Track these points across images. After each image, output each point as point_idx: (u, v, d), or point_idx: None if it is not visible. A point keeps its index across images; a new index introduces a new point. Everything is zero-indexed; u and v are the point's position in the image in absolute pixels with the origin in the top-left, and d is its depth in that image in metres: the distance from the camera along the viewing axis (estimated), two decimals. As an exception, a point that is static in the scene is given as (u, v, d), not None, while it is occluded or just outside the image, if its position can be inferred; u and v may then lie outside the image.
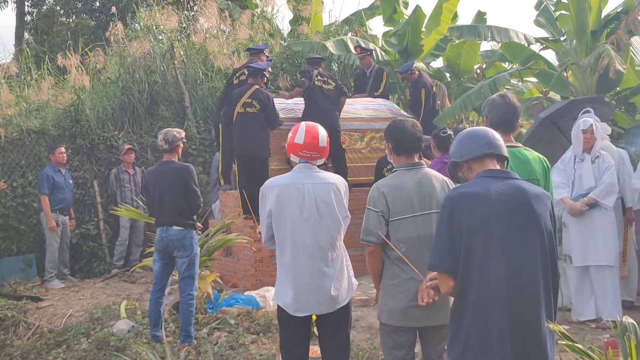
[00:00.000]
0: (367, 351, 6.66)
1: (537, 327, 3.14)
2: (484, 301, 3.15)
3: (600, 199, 7.46)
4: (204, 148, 12.71)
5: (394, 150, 4.61)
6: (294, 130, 4.81)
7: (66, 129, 12.08)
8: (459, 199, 3.28)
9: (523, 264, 3.17)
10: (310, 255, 4.65)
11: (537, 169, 4.48)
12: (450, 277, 3.28)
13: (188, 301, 7.12)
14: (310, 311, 4.69)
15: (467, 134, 3.61)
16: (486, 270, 3.15)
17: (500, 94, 4.63)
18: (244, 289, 9.82)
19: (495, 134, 3.59)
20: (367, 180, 11.01)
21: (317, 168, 4.82)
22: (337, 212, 4.73)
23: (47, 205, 10.66)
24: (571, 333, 7.15)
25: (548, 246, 3.24)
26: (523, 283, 3.16)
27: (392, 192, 4.42)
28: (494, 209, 3.21)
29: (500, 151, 3.51)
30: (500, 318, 3.12)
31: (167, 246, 7.10)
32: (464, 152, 3.52)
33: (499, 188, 3.27)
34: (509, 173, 3.44)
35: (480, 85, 11.02)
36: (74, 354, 7.05)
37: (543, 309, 3.18)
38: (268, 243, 4.84)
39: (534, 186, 3.42)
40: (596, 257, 7.52)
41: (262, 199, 4.79)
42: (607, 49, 9.33)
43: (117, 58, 13.53)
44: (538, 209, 3.26)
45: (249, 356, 6.67)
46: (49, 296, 9.84)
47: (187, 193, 7.11)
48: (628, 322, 3.53)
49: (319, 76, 10.65)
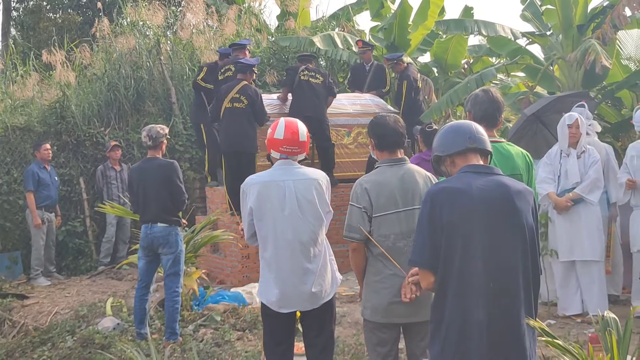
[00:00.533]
0: (353, 347, 6.64)
1: (517, 324, 3.13)
2: (464, 297, 3.14)
3: (585, 195, 7.46)
4: (191, 144, 12.64)
5: (377, 146, 4.59)
6: (274, 126, 4.76)
7: (52, 126, 11.99)
8: (440, 195, 3.26)
9: (503, 261, 3.16)
10: (292, 252, 4.62)
11: (520, 164, 4.46)
12: (431, 272, 3.26)
13: (173, 298, 7.09)
14: (293, 307, 4.66)
15: (450, 127, 3.57)
16: (466, 266, 3.14)
17: (483, 89, 4.61)
18: (231, 285, 9.80)
19: (479, 128, 3.55)
20: (354, 175, 10.93)
21: (298, 164, 4.77)
22: (318, 208, 4.69)
23: (33, 203, 10.59)
24: (557, 328, 7.21)
25: (529, 243, 3.22)
26: (503, 279, 3.14)
27: (375, 188, 4.41)
28: (475, 205, 3.19)
29: (483, 146, 3.47)
30: (480, 314, 3.11)
31: (152, 243, 7.07)
32: (446, 146, 3.48)
33: (481, 184, 3.25)
34: (492, 169, 3.41)
35: (467, 81, 11.00)
36: (58, 352, 7.01)
37: (523, 306, 3.16)
38: (250, 240, 4.81)
39: (516, 182, 3.40)
40: (582, 252, 7.53)
41: (243, 196, 4.75)
42: (593, 44, 9.32)
43: (103, 54, 13.44)
44: (520, 205, 3.24)
45: (235, 353, 6.65)
46: (34, 294, 9.79)
47: (171, 190, 7.08)
48: (609, 317, 3.53)
49: (305, 71, 10.63)
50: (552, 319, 7.58)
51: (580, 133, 7.56)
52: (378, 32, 14.76)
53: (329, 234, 5.11)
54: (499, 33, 11.29)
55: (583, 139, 7.57)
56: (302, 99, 10.48)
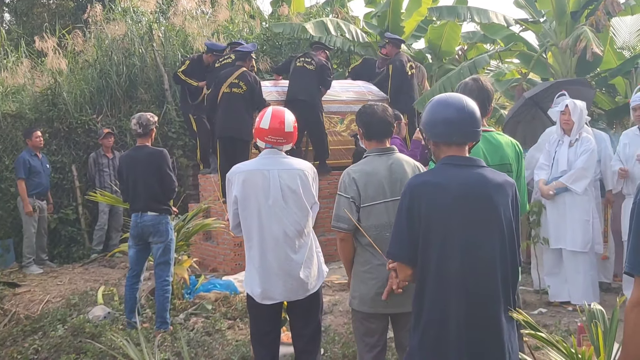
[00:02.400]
0: (344, 336, 6.63)
1: (495, 319, 3.11)
2: (442, 292, 3.12)
3: (569, 184, 7.44)
4: (184, 131, 12.59)
5: (365, 136, 4.57)
6: (261, 115, 4.74)
7: (43, 113, 11.94)
8: (419, 188, 3.22)
9: (481, 256, 3.13)
10: (277, 243, 4.60)
11: (510, 154, 4.44)
12: (409, 265, 3.24)
13: (164, 287, 7.07)
14: (278, 299, 4.65)
15: (443, 112, 3.33)
16: (444, 262, 3.12)
17: (472, 78, 4.57)
18: (224, 273, 9.79)
19: (473, 115, 3.37)
20: (348, 163, 10.94)
21: (284, 154, 4.74)
22: (303, 198, 4.66)
23: (24, 190, 10.55)
24: (548, 316, 7.23)
25: (507, 237, 3.19)
26: (481, 275, 3.11)
27: (363, 177, 4.39)
28: (454, 201, 3.15)
29: (474, 139, 3.38)
30: (458, 309, 3.09)
31: (142, 232, 7.03)
32: (434, 133, 3.35)
33: (461, 177, 3.21)
34: (474, 160, 3.35)
35: (460, 68, 10.96)
36: (49, 340, 6.97)
37: (502, 301, 3.14)
38: (236, 230, 4.79)
39: (498, 174, 3.34)
40: (567, 242, 7.54)
41: (228, 185, 4.73)
42: (585, 31, 9.28)
43: (95, 40, 13.35)
44: (498, 199, 3.20)
45: (225, 342, 6.63)
46: (26, 282, 9.78)
47: (161, 178, 7.03)
48: (596, 309, 3.51)
49: (302, 57, 10.65)
50: (544, 307, 7.59)
51: (572, 120, 7.52)
52: (372, 18, 14.70)
53: (321, 222, 5.12)
54: (492, 20, 11.23)
55: (577, 126, 7.52)
56: (296, 83, 10.50)
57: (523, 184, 4.57)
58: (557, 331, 6.52)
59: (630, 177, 7.48)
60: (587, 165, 7.40)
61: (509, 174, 4.38)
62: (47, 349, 6.78)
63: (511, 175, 4.39)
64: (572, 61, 10.57)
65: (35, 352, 6.81)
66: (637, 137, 7.58)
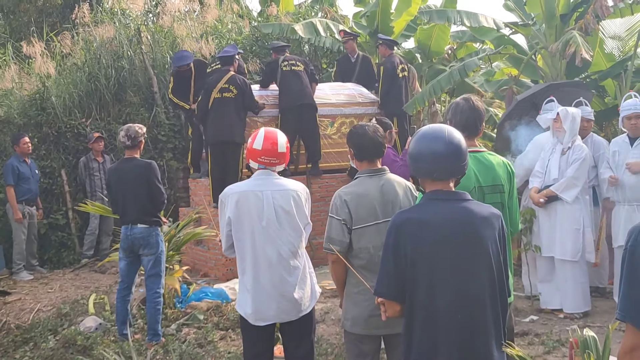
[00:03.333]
0: (336, 346, 6.64)
1: (488, 355, 3.10)
2: (431, 329, 3.11)
3: (559, 193, 7.45)
4: (174, 134, 12.57)
5: (356, 156, 4.56)
6: (253, 136, 4.72)
7: (32, 117, 11.85)
8: (404, 226, 3.20)
9: (470, 292, 3.12)
10: (270, 264, 4.60)
11: (502, 174, 4.42)
12: (397, 302, 3.23)
13: (155, 299, 7.04)
14: (271, 320, 4.65)
15: (422, 148, 3.33)
16: (431, 298, 3.10)
17: (464, 97, 4.55)
18: (215, 278, 9.80)
19: (459, 147, 3.33)
20: (338, 166, 10.99)
21: (277, 174, 4.74)
22: (297, 219, 4.66)
23: (13, 197, 10.51)
24: (540, 324, 7.26)
25: (496, 271, 3.18)
26: (470, 311, 3.10)
27: (354, 200, 4.37)
28: (440, 237, 3.14)
29: (450, 177, 3.33)
30: (449, 347, 3.08)
31: (133, 244, 7.01)
32: (414, 168, 3.36)
33: (446, 212, 3.19)
34: (458, 194, 3.33)
35: (450, 70, 10.96)
36: (40, 352, 6.94)
37: (493, 337, 3.13)
38: (228, 251, 4.77)
39: (483, 207, 3.32)
40: (557, 250, 7.56)
41: (221, 207, 4.71)
42: (574, 36, 9.28)
43: (83, 43, 13.26)
44: (485, 233, 3.18)
45: (217, 354, 6.64)
46: (17, 289, 9.75)
47: (150, 191, 7.00)
48: (588, 336, 3.51)
49: (285, 61, 10.62)
50: (535, 314, 7.62)
51: (563, 128, 7.52)
52: (361, 18, 14.67)
53: (314, 226, 5.11)
54: (481, 24, 11.22)
55: (569, 134, 7.50)
56: (291, 89, 10.46)
57: (515, 204, 4.56)
58: (549, 341, 6.55)
59: (620, 184, 7.49)
60: (577, 174, 7.39)
61: (501, 194, 4.39)
62: (38, 361, 6.77)
63: (503, 195, 4.40)
64: (562, 64, 10.57)
65: (27, 364, 6.81)
66: (626, 144, 7.60)
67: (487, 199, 4.29)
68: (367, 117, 10.92)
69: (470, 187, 4.26)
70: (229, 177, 9.30)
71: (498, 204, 4.34)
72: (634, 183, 7.41)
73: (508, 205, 4.45)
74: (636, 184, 7.39)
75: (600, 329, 6.79)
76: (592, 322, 7.15)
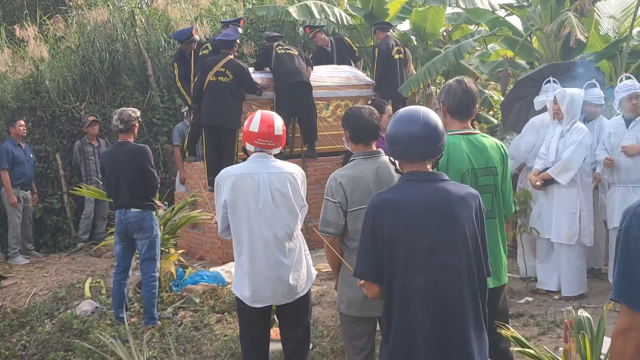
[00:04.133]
0: (332, 329, 6.65)
1: (465, 335, 3.11)
2: (409, 309, 3.12)
3: (554, 175, 7.44)
4: (168, 117, 12.55)
5: (352, 139, 4.55)
6: (250, 119, 4.72)
7: (26, 101, 11.83)
8: (381, 207, 3.21)
9: (447, 272, 3.13)
10: (267, 246, 4.61)
11: (495, 156, 4.42)
12: (376, 283, 3.24)
13: (150, 283, 7.04)
14: (268, 302, 4.67)
15: (395, 130, 3.34)
16: (409, 279, 3.11)
17: (457, 80, 4.53)
18: (211, 261, 9.81)
19: (434, 128, 3.32)
20: (334, 149, 10.98)
21: (273, 157, 4.74)
22: (293, 202, 4.67)
23: (8, 181, 10.48)
24: (535, 305, 7.30)
25: (472, 251, 3.18)
26: (447, 291, 3.11)
27: (350, 182, 4.37)
28: (416, 217, 3.15)
29: (434, 156, 3.35)
30: (426, 326, 3.09)
31: (127, 228, 7.00)
32: (391, 150, 3.37)
33: (422, 193, 3.20)
34: (435, 175, 3.33)
35: (445, 52, 10.92)
36: (37, 336, 6.94)
37: (471, 317, 3.14)
38: (224, 234, 4.78)
39: (460, 187, 3.32)
40: (554, 234, 7.58)
41: (217, 189, 4.71)
42: (569, 17, 9.25)
43: (76, 26, 13.19)
44: (461, 213, 3.18)
45: (214, 337, 6.65)
46: (12, 274, 9.75)
47: (143, 175, 6.98)
48: (583, 317, 3.52)
49: (280, 45, 10.61)
50: (530, 295, 7.65)
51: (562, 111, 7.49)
52: (356, 0, 14.59)
53: (310, 208, 5.12)
54: (476, 5, 11.16)
55: (567, 116, 7.47)
56: (286, 68, 10.42)
57: (508, 186, 4.56)
58: (543, 322, 6.59)
59: (615, 166, 7.50)
60: (573, 157, 7.36)
61: (494, 177, 4.39)
62: (35, 345, 6.74)
63: (496, 178, 4.40)
64: (557, 45, 10.54)
65: (23, 348, 6.77)
66: (621, 126, 7.59)
67: (480, 181, 4.30)
68: (362, 99, 10.90)
69: (463, 170, 4.27)
70: (224, 161, 9.30)
71: (491, 186, 4.35)
72: (629, 165, 7.42)
73: (501, 187, 4.45)
74: (631, 166, 7.40)
75: (595, 310, 6.83)
76: (587, 303, 7.18)
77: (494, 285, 4.35)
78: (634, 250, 2.35)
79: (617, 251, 2.41)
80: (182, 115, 12.24)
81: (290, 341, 4.83)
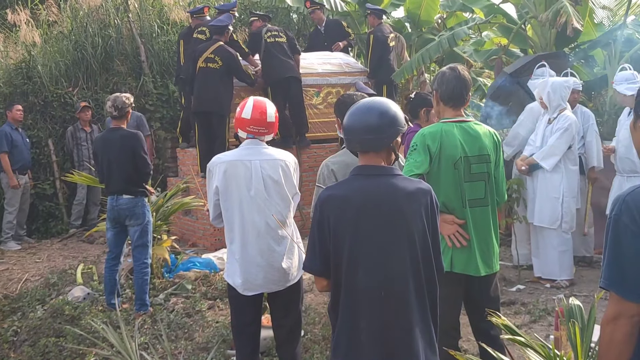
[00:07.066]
0: (324, 316, 6.66)
1: (409, 331, 3.07)
2: (352, 304, 3.09)
3: (539, 160, 7.56)
4: (162, 103, 12.49)
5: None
6: (242, 105, 4.70)
7: (18, 87, 11.76)
8: (326, 202, 3.17)
9: (392, 269, 3.08)
10: (259, 233, 4.59)
11: (488, 144, 4.41)
12: (323, 277, 3.22)
13: (142, 270, 7.03)
14: (260, 290, 4.65)
15: (350, 120, 3.26)
16: (352, 274, 3.08)
17: (450, 67, 4.52)
18: (203, 247, 9.81)
19: (393, 119, 3.22)
20: (325, 136, 10.95)
21: (265, 144, 4.71)
22: (285, 189, 4.65)
23: (8, 164, 10.45)
24: (526, 293, 7.31)
25: (420, 247, 3.12)
26: (392, 287, 3.08)
27: (342, 169, 4.36)
28: (361, 213, 3.10)
29: (384, 147, 3.24)
30: (371, 324, 3.06)
31: (119, 215, 6.99)
32: (347, 141, 3.31)
33: (368, 188, 3.15)
34: (386, 170, 3.24)
35: (439, 39, 10.90)
36: (28, 322, 6.95)
37: (415, 314, 3.09)
38: (216, 221, 4.77)
39: (410, 182, 3.25)
40: (536, 217, 7.67)
41: (209, 176, 4.69)
42: (565, 6, 9.23)
43: (69, 11, 13.11)
44: (408, 208, 3.12)
45: (205, 324, 6.65)
46: (4, 259, 9.75)
47: (135, 162, 6.95)
48: (574, 305, 3.52)
49: (269, 32, 10.52)
50: (522, 283, 7.67)
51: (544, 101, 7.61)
52: (351, -14, 14.54)
53: (303, 196, 5.11)
54: (472, -7, 11.18)
55: (552, 105, 7.57)
56: (275, 62, 10.35)
57: (501, 174, 4.55)
58: (535, 310, 6.61)
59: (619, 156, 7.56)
60: (557, 143, 7.47)
61: (487, 164, 4.38)
62: (26, 331, 6.76)
63: (489, 165, 4.39)
64: (552, 33, 10.53)
65: (15, 333, 6.80)
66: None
67: (474, 168, 4.30)
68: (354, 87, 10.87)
69: (456, 157, 4.27)
70: (216, 147, 9.27)
71: (484, 174, 4.35)
72: (622, 154, 7.48)
73: (494, 175, 4.44)
74: (624, 155, 7.44)
75: (586, 298, 6.86)
76: (579, 291, 7.20)
77: (485, 273, 4.36)
78: (624, 238, 2.35)
79: (607, 239, 2.41)
80: (174, 102, 12.21)
81: (282, 328, 4.82)
